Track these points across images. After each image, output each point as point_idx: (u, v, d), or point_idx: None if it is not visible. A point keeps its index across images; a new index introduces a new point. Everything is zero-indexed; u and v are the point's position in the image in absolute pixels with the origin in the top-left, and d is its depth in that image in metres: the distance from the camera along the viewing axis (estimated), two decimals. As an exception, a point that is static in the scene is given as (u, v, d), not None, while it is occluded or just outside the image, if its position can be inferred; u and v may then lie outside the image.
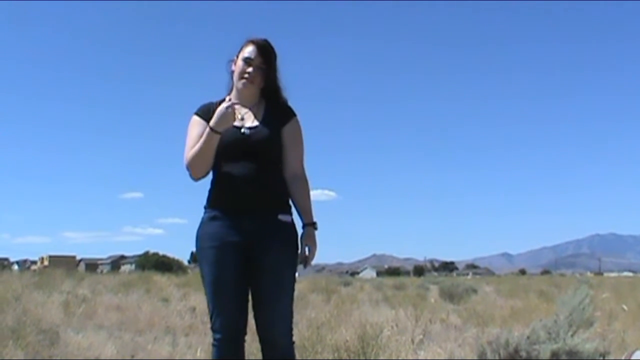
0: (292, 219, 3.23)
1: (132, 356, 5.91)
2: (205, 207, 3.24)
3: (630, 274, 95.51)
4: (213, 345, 3.18)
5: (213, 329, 3.17)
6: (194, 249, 3.28)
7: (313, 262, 3.28)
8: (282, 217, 3.17)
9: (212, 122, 3.08)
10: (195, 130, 3.20)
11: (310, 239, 3.22)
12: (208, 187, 3.25)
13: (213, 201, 3.21)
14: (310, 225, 3.23)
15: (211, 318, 3.17)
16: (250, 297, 3.18)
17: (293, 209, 3.25)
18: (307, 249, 3.21)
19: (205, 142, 3.09)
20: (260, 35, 3.24)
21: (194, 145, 3.15)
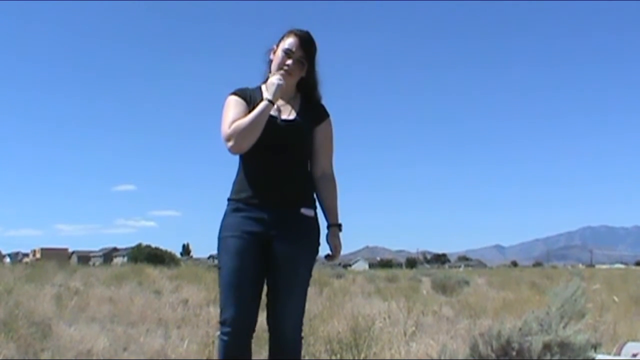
0: (316, 213, 3.19)
1: (125, 349, 5.90)
2: (228, 199, 3.18)
3: (622, 266, 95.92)
4: (221, 339, 3.04)
5: (222, 322, 3.03)
6: (186, 242, 3.26)
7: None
8: (305, 211, 3.12)
9: (269, 95, 3.06)
10: (237, 108, 3.11)
11: (335, 239, 3.22)
12: (204, 180, 3.23)
13: (237, 192, 3.15)
14: (335, 226, 3.23)
15: (222, 310, 3.04)
16: (265, 288, 3.11)
17: (318, 206, 3.22)
18: (331, 247, 3.21)
19: (260, 113, 3.02)
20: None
21: (235, 120, 3.05)
